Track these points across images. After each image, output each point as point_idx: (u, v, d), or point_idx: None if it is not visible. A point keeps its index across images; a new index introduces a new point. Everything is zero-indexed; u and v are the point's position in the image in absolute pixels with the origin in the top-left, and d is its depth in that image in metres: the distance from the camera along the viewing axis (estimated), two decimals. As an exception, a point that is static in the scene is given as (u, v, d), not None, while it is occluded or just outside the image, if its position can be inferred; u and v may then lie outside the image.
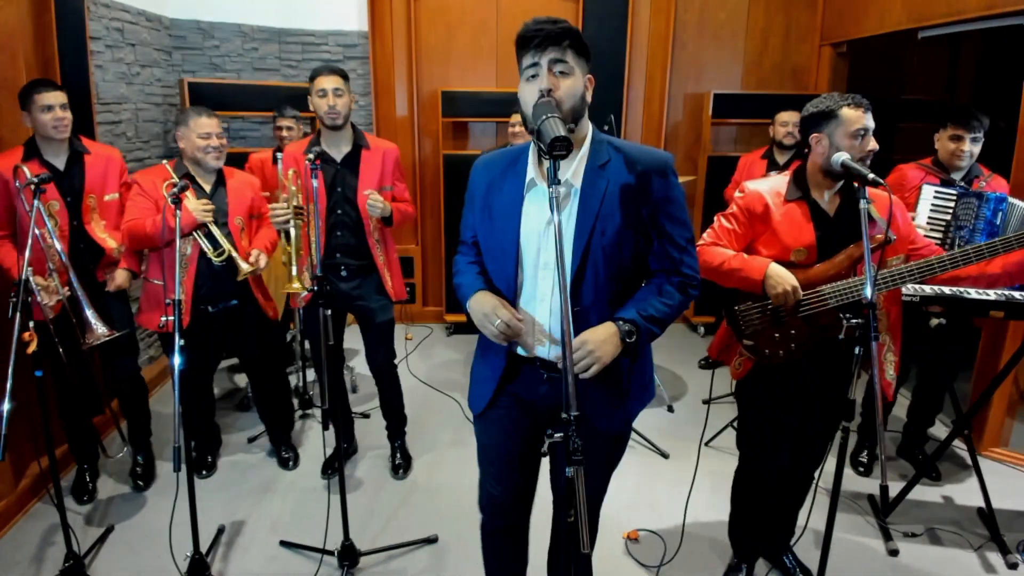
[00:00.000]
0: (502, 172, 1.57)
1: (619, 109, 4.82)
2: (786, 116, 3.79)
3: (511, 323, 1.48)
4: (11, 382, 1.93)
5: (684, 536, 2.53)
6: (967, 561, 2.50)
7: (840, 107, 1.88)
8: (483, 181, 1.61)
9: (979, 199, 2.52)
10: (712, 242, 2.06)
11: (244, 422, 3.52)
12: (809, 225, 1.94)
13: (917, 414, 3.11)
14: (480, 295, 1.56)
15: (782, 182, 2.01)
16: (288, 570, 2.42)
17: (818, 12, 4.81)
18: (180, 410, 1.94)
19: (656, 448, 3.25)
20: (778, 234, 1.96)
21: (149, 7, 3.99)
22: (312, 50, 4.70)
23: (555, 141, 1.23)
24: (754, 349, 2.03)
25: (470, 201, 1.66)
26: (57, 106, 2.51)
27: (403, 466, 3.05)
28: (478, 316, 1.53)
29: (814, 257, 1.95)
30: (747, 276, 1.94)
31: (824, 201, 1.96)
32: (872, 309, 1.67)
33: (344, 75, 2.62)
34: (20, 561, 2.42)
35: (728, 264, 1.97)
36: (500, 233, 1.55)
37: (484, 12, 4.79)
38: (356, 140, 2.70)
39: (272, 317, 2.91)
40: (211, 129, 2.60)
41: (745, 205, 2.01)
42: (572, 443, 1.23)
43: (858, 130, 1.85)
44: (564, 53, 1.40)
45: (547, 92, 1.38)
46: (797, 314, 1.96)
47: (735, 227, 2.03)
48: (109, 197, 2.78)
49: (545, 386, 1.61)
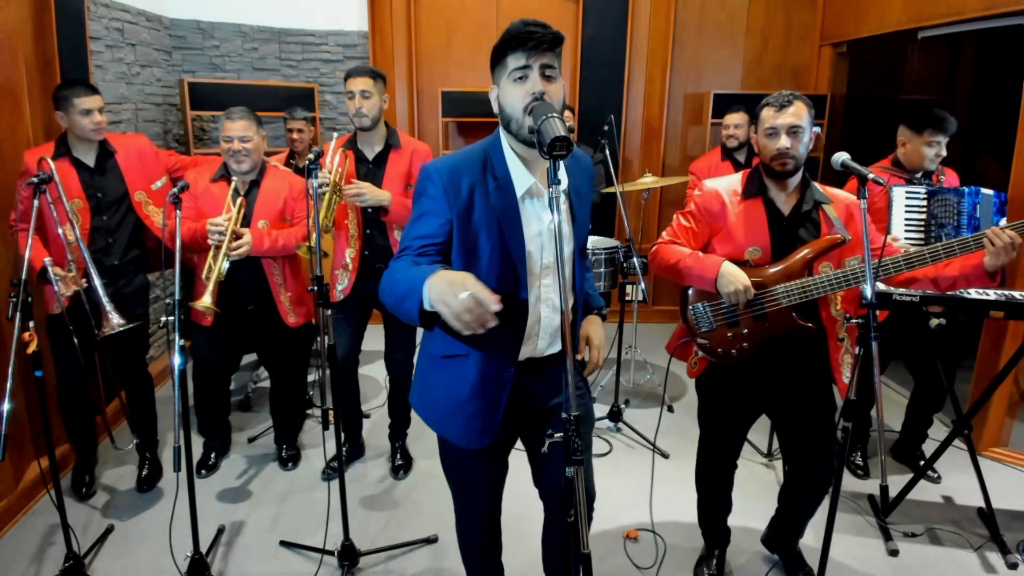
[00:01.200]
0: (481, 180, 1.47)
1: (619, 109, 4.82)
2: (729, 118, 3.83)
3: (484, 299, 1.22)
4: (11, 382, 1.93)
5: (683, 536, 2.53)
6: (967, 561, 2.50)
7: (761, 108, 1.92)
8: (463, 191, 1.45)
9: (956, 195, 2.53)
10: (670, 240, 2.08)
11: (244, 422, 3.52)
12: (764, 224, 1.96)
13: (916, 415, 3.11)
14: (442, 271, 1.30)
15: (738, 180, 2.04)
16: (288, 570, 2.42)
17: (818, 12, 4.81)
18: (180, 410, 1.94)
19: (656, 448, 3.25)
20: (732, 233, 1.98)
21: (149, 7, 4.00)
22: (312, 50, 4.70)
23: (555, 141, 1.23)
24: (708, 348, 2.04)
25: (439, 211, 1.45)
26: (96, 110, 2.54)
27: (404, 466, 3.05)
28: (441, 287, 1.25)
29: (768, 257, 1.96)
30: (701, 275, 1.96)
31: (780, 200, 1.98)
32: (872, 309, 1.67)
33: (374, 76, 2.62)
34: (20, 561, 2.42)
35: (683, 262, 1.99)
36: (506, 246, 1.47)
37: (484, 12, 4.80)
38: (388, 139, 2.73)
39: (292, 324, 2.87)
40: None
41: (702, 203, 2.03)
42: (572, 443, 1.24)
43: (767, 129, 1.89)
44: (553, 59, 1.42)
45: (540, 95, 1.38)
46: (750, 313, 1.97)
47: (692, 225, 2.05)
48: (156, 186, 2.81)
49: (550, 378, 1.65)
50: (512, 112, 1.42)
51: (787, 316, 1.94)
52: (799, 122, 1.86)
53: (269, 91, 4.46)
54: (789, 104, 1.87)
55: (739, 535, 2.54)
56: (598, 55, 4.78)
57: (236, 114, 2.64)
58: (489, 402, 1.56)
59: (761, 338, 1.98)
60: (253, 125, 2.67)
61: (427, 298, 1.28)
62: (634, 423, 3.49)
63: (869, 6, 4.21)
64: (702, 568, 2.38)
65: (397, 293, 1.37)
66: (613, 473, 3.06)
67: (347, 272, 2.77)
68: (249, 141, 2.64)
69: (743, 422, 2.19)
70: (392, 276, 1.41)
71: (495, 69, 1.46)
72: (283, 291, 2.82)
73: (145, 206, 2.77)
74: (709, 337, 2.04)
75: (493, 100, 1.49)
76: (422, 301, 1.29)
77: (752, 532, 2.59)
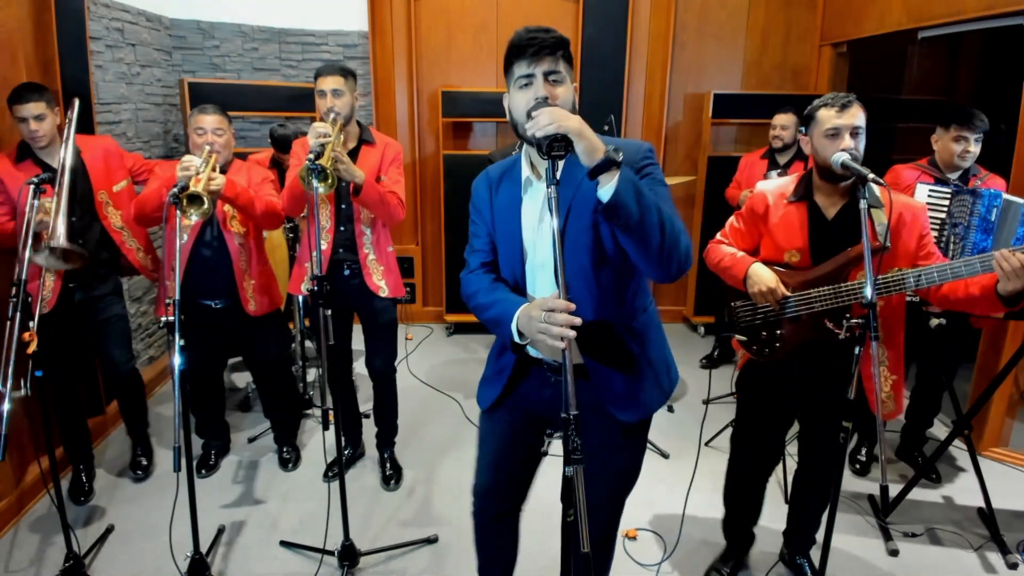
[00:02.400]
0: (499, 178, 1.64)
1: (619, 109, 4.82)
2: (777, 118, 3.80)
3: (552, 305, 1.32)
4: (11, 383, 1.93)
5: (683, 535, 2.53)
6: (967, 561, 2.49)
7: (817, 108, 1.88)
8: (483, 189, 1.66)
9: (973, 196, 2.50)
10: (719, 240, 2.15)
11: (244, 422, 3.52)
12: (803, 228, 1.94)
13: (916, 416, 3.11)
14: (523, 308, 1.46)
15: (790, 183, 2.02)
16: (288, 570, 2.42)
17: (818, 12, 4.81)
18: (180, 410, 1.94)
19: (656, 448, 3.25)
20: (773, 235, 2.00)
21: (149, 7, 3.99)
22: (312, 50, 4.70)
23: (553, 141, 1.25)
24: (746, 344, 2.10)
25: (476, 212, 1.69)
26: (31, 118, 2.48)
27: (394, 476, 2.98)
28: (525, 324, 1.42)
29: (808, 260, 1.95)
30: (734, 275, 2.02)
31: (826, 204, 1.94)
32: (872, 309, 1.67)
33: (345, 74, 2.60)
34: (20, 561, 2.42)
35: (724, 262, 2.05)
36: (507, 235, 1.59)
37: (484, 12, 4.79)
38: (361, 136, 2.71)
39: (252, 312, 2.80)
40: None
41: (750, 205, 2.07)
42: (572, 442, 1.25)
43: (828, 130, 1.83)
44: (557, 63, 1.42)
45: (544, 100, 1.39)
46: (784, 315, 1.98)
47: (741, 226, 2.11)
48: (118, 187, 2.80)
49: (550, 389, 1.65)
50: (518, 117, 1.46)
51: (820, 320, 1.93)
52: (861, 123, 1.83)
53: (269, 91, 4.46)
54: (850, 105, 1.82)
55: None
56: (598, 55, 4.78)
57: (210, 108, 2.66)
58: (496, 373, 1.72)
59: (795, 340, 1.98)
60: (226, 120, 2.69)
61: (516, 331, 1.47)
62: (634, 423, 3.48)
63: (869, 6, 4.21)
64: (721, 570, 2.38)
65: (489, 316, 1.57)
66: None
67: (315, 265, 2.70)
68: (222, 135, 2.66)
69: (777, 429, 2.20)
70: (476, 295, 1.62)
71: (506, 76, 1.49)
72: (247, 278, 2.78)
73: (105, 207, 2.76)
74: (747, 335, 2.10)
75: (505, 107, 1.52)
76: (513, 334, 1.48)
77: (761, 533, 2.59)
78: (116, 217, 2.79)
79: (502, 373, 1.70)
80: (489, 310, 1.56)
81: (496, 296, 1.57)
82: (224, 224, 2.70)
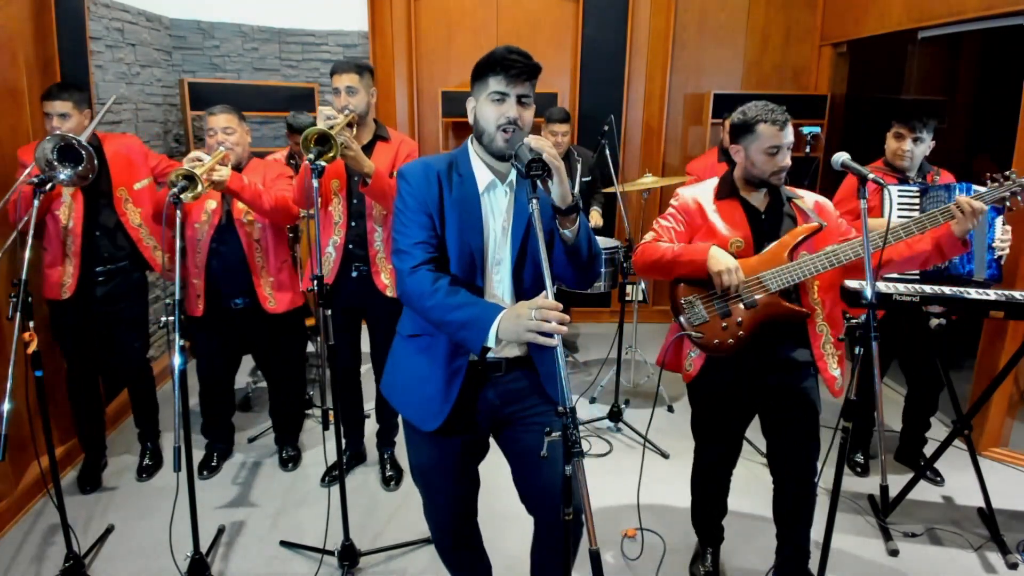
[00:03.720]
0: (447, 174, 1.62)
1: (619, 109, 4.83)
2: None
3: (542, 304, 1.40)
4: (11, 382, 1.93)
5: (682, 535, 2.53)
6: (967, 561, 2.50)
7: (757, 122, 1.92)
8: (431, 183, 1.59)
9: (947, 191, 2.54)
10: (653, 239, 2.11)
11: (245, 422, 3.52)
12: (743, 217, 2.03)
13: (913, 418, 3.10)
14: (507, 312, 1.48)
15: (711, 185, 2.10)
16: (288, 570, 2.42)
17: (818, 12, 4.81)
18: (180, 410, 1.94)
19: (656, 448, 3.25)
20: (715, 226, 2.04)
21: (149, 7, 3.99)
22: (312, 50, 4.70)
23: (532, 162, 1.38)
24: (703, 343, 2.06)
25: (418, 202, 1.58)
26: (55, 116, 2.53)
27: (394, 478, 2.97)
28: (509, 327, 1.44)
29: (751, 249, 2.01)
30: (692, 258, 2.00)
31: (755, 200, 2.05)
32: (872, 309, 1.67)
33: (360, 70, 2.58)
34: (20, 561, 2.42)
35: (672, 253, 2.03)
36: (464, 233, 1.59)
37: (484, 12, 4.80)
38: (377, 132, 2.70)
39: (271, 310, 2.80)
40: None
41: (680, 206, 2.11)
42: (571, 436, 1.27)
43: (770, 147, 1.91)
44: (529, 88, 1.54)
45: (514, 122, 1.52)
46: (739, 301, 2.00)
47: (674, 225, 2.11)
48: (139, 185, 2.83)
49: (493, 390, 1.68)
50: (486, 126, 1.56)
51: (776, 302, 1.98)
52: (793, 139, 1.95)
53: (269, 91, 4.46)
54: (788, 122, 1.92)
55: (738, 534, 2.55)
56: (598, 55, 4.78)
57: (218, 109, 2.68)
58: (442, 386, 1.64)
59: (753, 326, 2.00)
60: (235, 119, 2.70)
61: (494, 337, 1.46)
62: (634, 423, 3.49)
63: (869, 6, 4.21)
64: (697, 566, 2.39)
65: (456, 317, 1.50)
66: (613, 473, 3.06)
67: (329, 260, 2.68)
68: (233, 133, 2.67)
69: (738, 423, 2.20)
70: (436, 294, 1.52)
71: (475, 84, 1.58)
72: (264, 275, 2.78)
73: (124, 203, 2.79)
74: (703, 330, 2.06)
75: (470, 111, 1.62)
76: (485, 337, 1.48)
77: (750, 531, 2.59)
78: (135, 215, 2.82)
79: (455, 378, 1.64)
80: (459, 311, 1.50)
81: (466, 298, 1.53)
82: (238, 221, 2.72)
